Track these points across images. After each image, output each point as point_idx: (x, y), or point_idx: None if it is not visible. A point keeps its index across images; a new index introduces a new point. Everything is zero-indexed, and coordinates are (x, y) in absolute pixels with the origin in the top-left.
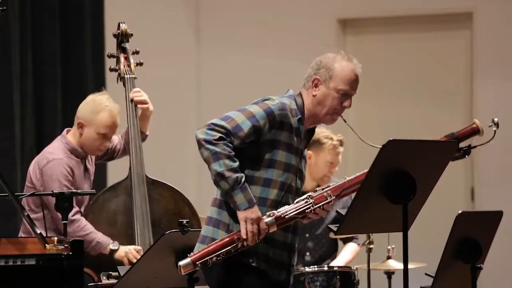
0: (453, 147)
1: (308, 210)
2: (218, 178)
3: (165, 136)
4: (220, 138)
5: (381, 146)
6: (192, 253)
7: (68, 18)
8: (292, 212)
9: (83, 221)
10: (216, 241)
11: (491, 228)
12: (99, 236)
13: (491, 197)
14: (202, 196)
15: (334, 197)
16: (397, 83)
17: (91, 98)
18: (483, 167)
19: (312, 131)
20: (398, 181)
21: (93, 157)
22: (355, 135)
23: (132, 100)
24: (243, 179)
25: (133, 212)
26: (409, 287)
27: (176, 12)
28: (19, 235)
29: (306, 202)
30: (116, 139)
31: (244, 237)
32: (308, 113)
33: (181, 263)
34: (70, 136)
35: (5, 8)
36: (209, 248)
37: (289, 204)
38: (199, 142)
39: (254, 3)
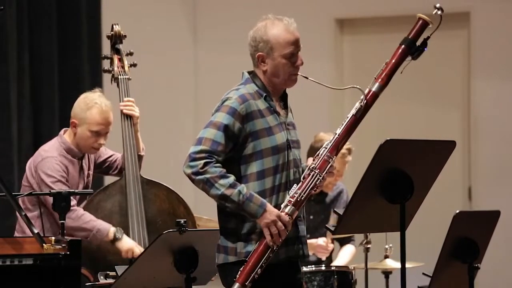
0: (451, 147)
1: (319, 181)
2: (223, 200)
3: (163, 136)
4: (205, 164)
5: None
6: (237, 276)
7: (65, 19)
8: (305, 191)
9: (81, 210)
10: (252, 253)
11: (489, 227)
12: (100, 223)
13: (488, 196)
14: (199, 196)
15: (335, 156)
16: (394, 82)
17: (82, 97)
18: (480, 166)
19: (284, 96)
20: (395, 180)
21: (92, 159)
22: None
23: (121, 111)
24: (244, 190)
25: (128, 212)
26: (407, 287)
27: (173, 12)
28: (14, 235)
29: (313, 175)
30: (119, 156)
31: (271, 243)
32: (269, 87)
33: None
34: (66, 135)
35: (2, 8)
36: (250, 264)
37: (290, 178)
38: (189, 177)
39: (251, 3)
